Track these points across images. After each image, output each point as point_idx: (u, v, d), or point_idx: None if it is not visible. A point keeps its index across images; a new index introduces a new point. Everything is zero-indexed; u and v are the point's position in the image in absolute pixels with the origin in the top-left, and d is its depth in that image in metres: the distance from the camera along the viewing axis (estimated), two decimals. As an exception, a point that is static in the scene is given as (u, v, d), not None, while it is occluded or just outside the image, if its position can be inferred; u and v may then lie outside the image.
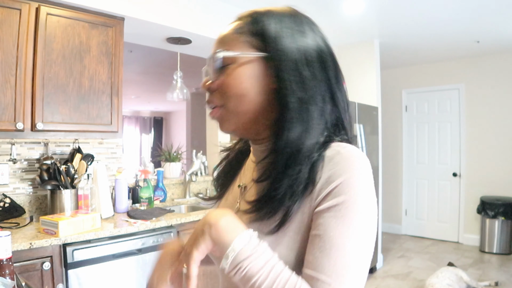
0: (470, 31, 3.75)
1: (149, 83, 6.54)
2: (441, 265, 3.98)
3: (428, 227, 5.16)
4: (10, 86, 1.88)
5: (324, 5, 3.12)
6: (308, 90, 0.62)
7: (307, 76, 0.63)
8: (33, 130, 1.96)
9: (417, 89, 5.29)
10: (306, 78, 0.63)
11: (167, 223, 2.16)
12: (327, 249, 0.55)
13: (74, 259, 1.76)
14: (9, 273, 0.81)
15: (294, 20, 0.73)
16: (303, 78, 0.62)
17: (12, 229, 1.83)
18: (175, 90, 3.00)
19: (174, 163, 3.15)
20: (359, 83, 4.19)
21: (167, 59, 4.54)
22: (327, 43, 0.72)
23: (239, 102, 0.65)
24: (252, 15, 0.70)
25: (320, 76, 0.64)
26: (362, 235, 0.56)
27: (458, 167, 4.96)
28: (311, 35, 0.70)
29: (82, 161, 2.23)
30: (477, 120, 4.80)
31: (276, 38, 0.64)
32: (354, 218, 0.56)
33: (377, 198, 0.67)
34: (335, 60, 0.70)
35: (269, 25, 0.66)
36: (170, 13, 2.62)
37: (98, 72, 2.23)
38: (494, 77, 4.66)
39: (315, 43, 0.68)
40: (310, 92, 0.62)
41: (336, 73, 0.69)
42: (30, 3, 1.94)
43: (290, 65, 0.62)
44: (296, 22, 0.73)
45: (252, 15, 0.70)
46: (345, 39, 4.12)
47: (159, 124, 11.20)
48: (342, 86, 0.70)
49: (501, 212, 4.30)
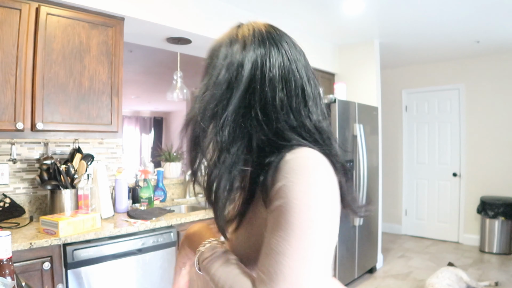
0: (470, 31, 3.75)
1: (149, 83, 6.54)
2: (441, 265, 3.98)
3: (428, 227, 5.17)
4: (10, 86, 1.88)
5: (324, 5, 3.12)
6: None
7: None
8: (33, 130, 1.96)
9: (417, 89, 5.29)
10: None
11: (167, 223, 2.16)
12: (267, 249, 0.58)
13: (74, 259, 1.76)
14: (9, 273, 0.81)
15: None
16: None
17: (12, 229, 1.83)
18: (175, 90, 3.00)
19: (174, 163, 3.15)
20: (359, 83, 4.19)
21: (167, 59, 4.54)
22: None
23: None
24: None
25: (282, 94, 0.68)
26: (299, 239, 0.56)
27: (458, 167, 4.96)
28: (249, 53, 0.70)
29: (82, 161, 2.23)
30: (477, 120, 4.80)
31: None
32: (290, 221, 0.57)
33: (377, 198, 0.69)
34: (296, 80, 0.70)
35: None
36: (170, 13, 2.62)
37: (98, 72, 2.23)
38: (494, 77, 4.66)
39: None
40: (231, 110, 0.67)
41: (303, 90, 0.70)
42: (30, 3, 1.94)
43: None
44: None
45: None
46: (345, 39, 4.12)
47: (159, 124, 11.20)
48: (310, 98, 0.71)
49: (501, 212, 4.30)
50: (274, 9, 3.22)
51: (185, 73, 3.47)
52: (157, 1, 2.54)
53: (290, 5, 3.12)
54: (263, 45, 0.70)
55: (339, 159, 0.68)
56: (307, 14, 3.32)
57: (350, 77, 4.28)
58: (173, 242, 2.17)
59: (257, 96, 0.66)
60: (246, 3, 3.06)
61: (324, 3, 3.08)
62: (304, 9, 3.20)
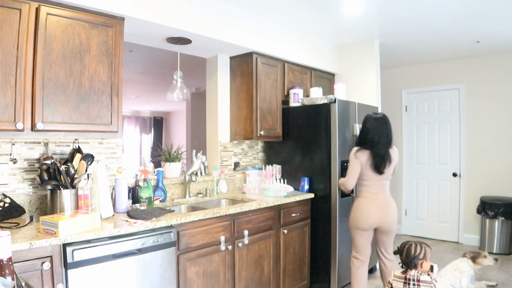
0: (470, 31, 3.76)
1: (149, 83, 6.54)
2: (441, 265, 3.98)
3: (428, 227, 5.17)
4: (10, 86, 1.88)
5: (324, 5, 3.12)
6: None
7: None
8: (33, 130, 1.96)
9: (417, 89, 5.29)
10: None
11: (167, 223, 2.16)
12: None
13: (74, 259, 1.75)
14: (9, 273, 0.81)
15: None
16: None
17: (12, 229, 1.83)
18: (175, 90, 3.00)
19: (174, 163, 3.15)
20: (359, 83, 4.19)
21: (167, 59, 4.55)
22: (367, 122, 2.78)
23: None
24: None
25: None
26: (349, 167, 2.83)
27: (458, 167, 4.96)
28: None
29: (82, 161, 2.23)
30: (477, 120, 4.80)
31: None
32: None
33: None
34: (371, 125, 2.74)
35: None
36: (170, 13, 2.62)
37: (98, 72, 2.23)
38: (494, 77, 4.66)
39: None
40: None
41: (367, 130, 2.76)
42: (30, 3, 1.94)
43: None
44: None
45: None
46: (345, 39, 4.12)
47: (159, 124, 11.21)
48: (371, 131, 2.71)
49: (501, 212, 4.30)
50: (274, 9, 3.22)
51: (185, 73, 3.47)
52: (157, 1, 2.54)
53: (290, 5, 3.12)
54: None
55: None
56: (307, 14, 3.32)
57: (350, 77, 4.28)
58: (173, 242, 2.18)
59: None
60: (246, 3, 3.06)
61: (324, 3, 3.08)
62: (304, 9, 3.20)
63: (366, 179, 2.74)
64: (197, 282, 2.35)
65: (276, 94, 3.53)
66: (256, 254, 2.78)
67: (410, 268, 2.12)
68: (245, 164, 3.66)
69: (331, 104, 3.25)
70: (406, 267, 2.15)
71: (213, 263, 2.45)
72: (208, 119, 3.55)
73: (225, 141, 3.47)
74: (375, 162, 2.67)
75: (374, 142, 2.66)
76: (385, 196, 2.75)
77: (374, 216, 2.69)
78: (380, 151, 2.67)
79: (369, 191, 2.73)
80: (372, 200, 2.71)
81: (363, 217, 2.71)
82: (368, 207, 2.70)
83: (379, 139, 2.66)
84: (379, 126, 2.69)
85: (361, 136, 2.77)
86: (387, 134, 2.70)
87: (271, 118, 3.48)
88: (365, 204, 2.73)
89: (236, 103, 3.47)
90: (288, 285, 3.08)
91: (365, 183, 2.75)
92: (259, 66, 3.34)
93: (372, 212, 2.69)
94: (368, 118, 2.77)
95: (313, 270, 3.35)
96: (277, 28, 3.54)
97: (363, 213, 2.71)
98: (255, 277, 2.78)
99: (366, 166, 2.70)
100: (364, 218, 2.71)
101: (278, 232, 2.99)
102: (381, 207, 2.70)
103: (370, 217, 2.69)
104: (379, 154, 2.67)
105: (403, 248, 2.19)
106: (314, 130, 3.36)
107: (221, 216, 2.51)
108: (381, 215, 2.69)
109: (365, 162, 2.70)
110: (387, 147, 2.70)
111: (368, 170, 2.71)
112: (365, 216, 2.70)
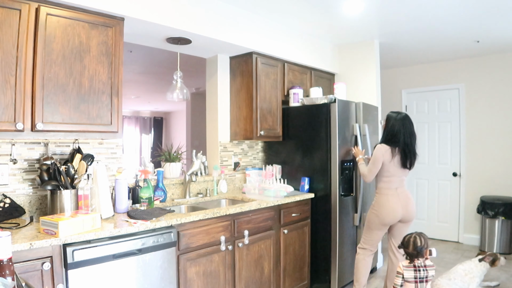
0: (470, 31, 3.76)
1: (149, 83, 6.54)
2: (441, 265, 3.99)
3: (428, 227, 5.16)
4: (10, 86, 1.88)
5: (324, 5, 3.12)
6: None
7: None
8: (33, 130, 1.96)
9: (417, 89, 5.29)
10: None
11: (167, 223, 2.16)
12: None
13: (74, 260, 1.76)
14: (9, 274, 0.82)
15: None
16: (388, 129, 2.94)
17: (12, 230, 1.83)
18: (175, 90, 3.00)
19: (174, 163, 3.15)
20: (359, 83, 4.19)
21: (167, 59, 4.55)
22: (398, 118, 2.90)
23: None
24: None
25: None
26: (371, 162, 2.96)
27: (458, 167, 4.96)
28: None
29: (82, 161, 2.23)
30: (477, 120, 4.80)
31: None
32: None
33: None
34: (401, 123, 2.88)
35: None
36: (170, 13, 2.62)
37: (98, 72, 2.23)
38: (494, 77, 4.66)
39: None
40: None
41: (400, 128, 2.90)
42: (30, 3, 1.94)
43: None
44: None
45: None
46: (345, 39, 4.12)
47: (159, 124, 11.21)
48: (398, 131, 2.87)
49: (501, 212, 4.30)
50: (274, 9, 3.22)
51: (185, 73, 3.47)
52: (157, 1, 2.54)
53: (290, 5, 3.12)
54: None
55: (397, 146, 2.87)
56: (307, 14, 3.32)
57: (350, 77, 4.28)
58: (173, 242, 2.18)
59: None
60: (246, 3, 3.06)
61: (324, 3, 3.08)
62: (304, 9, 3.20)
63: (388, 176, 2.87)
64: (197, 282, 2.35)
65: (276, 94, 3.53)
66: (256, 254, 2.78)
67: (418, 258, 2.35)
68: (245, 164, 3.66)
69: (331, 104, 3.25)
70: (413, 258, 2.36)
71: (213, 263, 2.45)
72: (208, 119, 3.55)
73: (225, 141, 3.47)
74: (403, 158, 2.84)
75: (401, 139, 2.83)
76: (404, 190, 2.93)
77: (399, 210, 2.84)
78: (409, 147, 2.85)
79: (389, 188, 2.88)
80: (394, 196, 2.86)
81: (389, 213, 2.85)
82: (393, 203, 2.85)
83: (406, 136, 2.85)
84: (404, 123, 2.86)
85: (388, 133, 2.89)
86: (412, 131, 2.89)
87: (271, 118, 3.48)
88: (388, 200, 2.86)
89: (236, 103, 3.47)
90: (288, 285, 3.08)
91: (386, 179, 2.88)
92: (259, 66, 3.34)
93: (397, 207, 2.84)
94: (391, 116, 2.92)
95: (313, 270, 3.35)
96: (277, 28, 3.54)
97: (388, 209, 2.85)
98: (255, 277, 2.78)
99: (391, 163, 2.84)
100: (390, 213, 2.84)
101: (278, 232, 2.99)
102: (404, 201, 2.87)
103: (395, 211, 2.84)
104: (407, 150, 2.85)
105: (408, 241, 2.39)
106: (314, 130, 3.36)
107: (221, 216, 2.51)
108: (404, 208, 2.86)
109: (390, 159, 2.83)
110: (413, 143, 2.89)
111: (392, 166, 2.85)
112: (391, 211, 2.84)
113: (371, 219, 2.95)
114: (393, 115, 2.90)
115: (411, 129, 2.88)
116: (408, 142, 2.84)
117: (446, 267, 3.87)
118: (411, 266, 2.35)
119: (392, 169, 2.85)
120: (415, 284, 2.34)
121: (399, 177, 2.89)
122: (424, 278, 2.34)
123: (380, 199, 2.90)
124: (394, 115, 2.90)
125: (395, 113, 2.92)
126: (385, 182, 2.88)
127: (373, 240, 2.99)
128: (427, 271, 2.33)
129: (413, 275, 2.34)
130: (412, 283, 2.34)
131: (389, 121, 2.90)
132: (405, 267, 2.37)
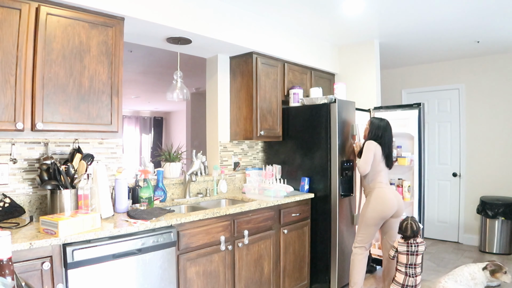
0: (470, 31, 3.75)
1: (149, 83, 6.54)
2: (441, 265, 3.99)
3: (428, 227, 5.16)
4: (10, 86, 1.88)
5: (324, 5, 3.12)
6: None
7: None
8: (33, 130, 1.96)
9: (417, 89, 5.29)
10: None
11: (167, 223, 2.16)
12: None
13: (74, 259, 1.75)
14: (9, 273, 0.81)
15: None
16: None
17: (12, 229, 1.83)
18: (175, 90, 3.00)
19: (174, 163, 3.15)
20: (359, 83, 4.19)
21: (167, 59, 4.55)
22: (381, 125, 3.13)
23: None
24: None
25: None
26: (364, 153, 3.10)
27: (458, 167, 4.96)
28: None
29: (82, 161, 2.23)
30: (477, 120, 4.80)
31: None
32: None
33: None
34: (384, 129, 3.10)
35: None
36: (170, 13, 2.62)
37: (98, 72, 2.23)
38: (494, 77, 4.66)
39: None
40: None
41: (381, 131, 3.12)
42: (30, 3, 1.94)
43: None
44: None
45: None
46: (345, 39, 4.12)
47: (159, 124, 11.20)
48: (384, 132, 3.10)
49: (501, 212, 4.30)
50: (274, 9, 3.22)
51: (185, 73, 3.47)
52: (157, 1, 2.54)
53: (290, 5, 3.12)
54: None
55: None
56: (307, 14, 3.32)
57: (350, 77, 4.28)
58: (173, 242, 2.18)
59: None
60: (246, 3, 3.06)
61: (324, 3, 3.08)
62: (304, 9, 3.20)
63: (379, 170, 3.05)
64: (197, 282, 2.35)
65: (276, 94, 3.53)
66: (256, 254, 2.78)
67: (413, 238, 2.86)
68: (245, 164, 3.66)
69: (331, 104, 3.25)
70: (409, 239, 2.84)
71: (213, 263, 2.45)
72: (208, 119, 3.55)
73: (225, 141, 3.47)
74: (387, 157, 3.08)
75: (386, 142, 3.08)
76: (390, 185, 3.17)
77: (394, 203, 3.00)
78: (390, 149, 3.12)
79: (381, 181, 3.04)
80: (388, 189, 3.04)
81: (388, 205, 2.97)
82: (389, 196, 3.00)
83: (389, 140, 3.12)
84: (387, 129, 3.11)
85: (374, 135, 3.10)
86: (391, 136, 3.15)
87: (271, 118, 3.48)
88: (385, 192, 3.00)
89: (236, 103, 3.47)
90: (288, 285, 3.08)
91: (377, 174, 3.05)
92: (259, 66, 3.34)
93: (393, 199, 3.00)
94: (375, 121, 3.15)
95: (313, 270, 3.35)
96: (277, 28, 3.55)
97: (387, 201, 2.98)
98: (255, 277, 2.78)
99: (380, 159, 3.05)
100: (389, 205, 2.97)
101: (278, 232, 2.99)
102: (395, 194, 3.07)
103: (392, 203, 2.98)
104: (388, 152, 3.10)
105: (406, 226, 2.87)
106: (314, 130, 3.36)
107: (221, 216, 2.51)
108: (398, 201, 3.04)
109: (380, 154, 3.04)
110: (392, 148, 3.17)
111: (380, 162, 3.05)
112: (389, 203, 2.97)
113: (369, 216, 3.01)
114: (377, 121, 3.13)
115: (391, 135, 3.14)
116: (390, 145, 3.12)
117: (446, 267, 3.87)
118: (404, 243, 2.85)
119: (381, 165, 3.06)
120: (407, 256, 2.84)
121: (387, 172, 3.11)
122: (414, 252, 2.82)
123: (377, 193, 3.01)
124: (377, 121, 3.14)
125: (378, 119, 3.16)
126: (377, 176, 3.04)
127: (368, 237, 3.06)
128: (418, 246, 2.83)
129: (406, 249, 2.84)
130: (404, 255, 2.84)
131: (373, 124, 3.12)
132: (400, 243, 2.88)
